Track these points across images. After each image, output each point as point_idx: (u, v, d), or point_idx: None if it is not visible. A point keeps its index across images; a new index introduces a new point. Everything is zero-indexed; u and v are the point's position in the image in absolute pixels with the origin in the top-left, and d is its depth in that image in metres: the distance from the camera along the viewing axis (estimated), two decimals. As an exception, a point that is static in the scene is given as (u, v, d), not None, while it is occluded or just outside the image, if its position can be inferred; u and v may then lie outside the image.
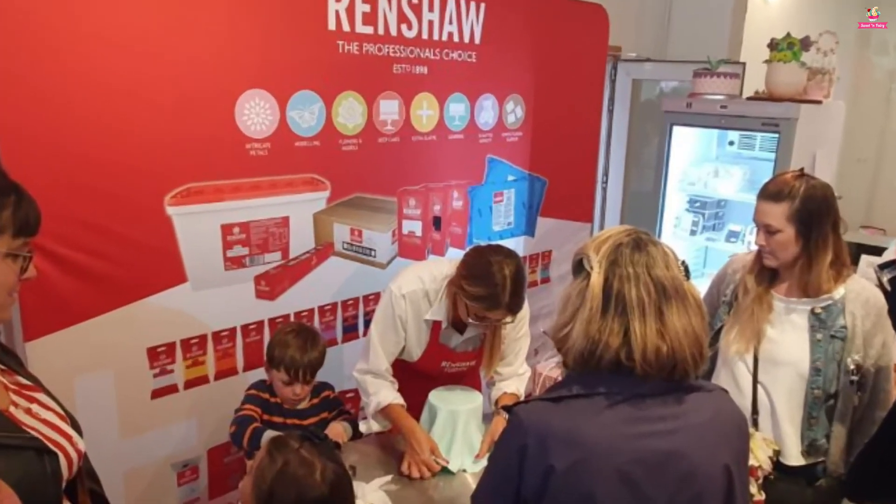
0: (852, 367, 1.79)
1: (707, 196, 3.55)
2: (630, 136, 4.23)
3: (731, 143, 3.55)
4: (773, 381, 1.87)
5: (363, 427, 2.13)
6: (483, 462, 1.98)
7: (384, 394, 2.07)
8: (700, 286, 1.34)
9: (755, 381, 1.89)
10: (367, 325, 2.68)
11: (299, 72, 2.41)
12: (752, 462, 1.74)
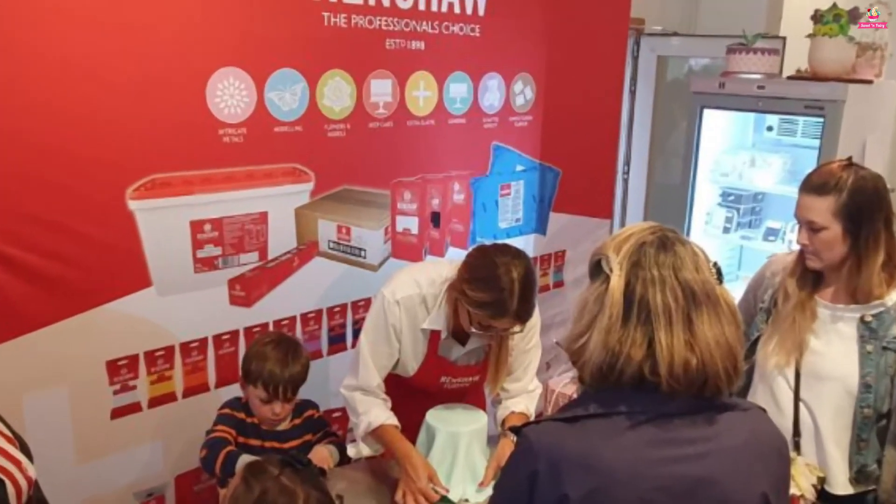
0: (907, 382, 1.78)
1: (742, 189, 3.55)
2: (655, 121, 4.23)
3: (770, 128, 3.55)
4: (818, 398, 1.87)
5: (352, 451, 2.13)
6: (488, 491, 1.97)
7: (375, 413, 2.07)
8: (734, 291, 1.34)
9: (797, 399, 1.89)
10: (356, 335, 2.68)
11: (279, 47, 2.40)
12: (793, 490, 1.74)
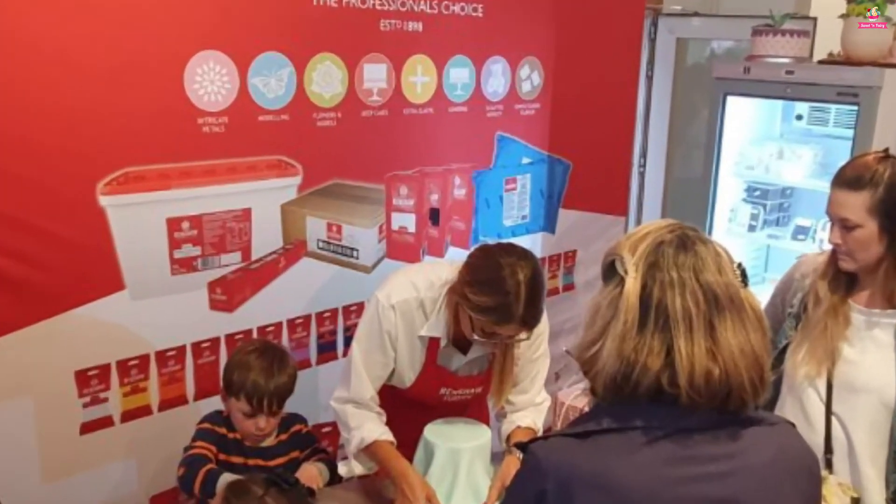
0: (950, 395, 1.78)
1: (769, 183, 3.54)
2: (674, 109, 4.23)
3: (799, 117, 3.55)
4: (851, 412, 1.87)
5: (343, 469, 2.13)
6: (492, 512, 1.97)
7: (369, 428, 2.07)
8: (760, 295, 1.34)
9: (829, 413, 1.89)
10: (347, 342, 2.68)
11: (264, 29, 2.40)
12: (824, 512, 1.74)
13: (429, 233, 3.03)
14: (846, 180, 1.84)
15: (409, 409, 2.16)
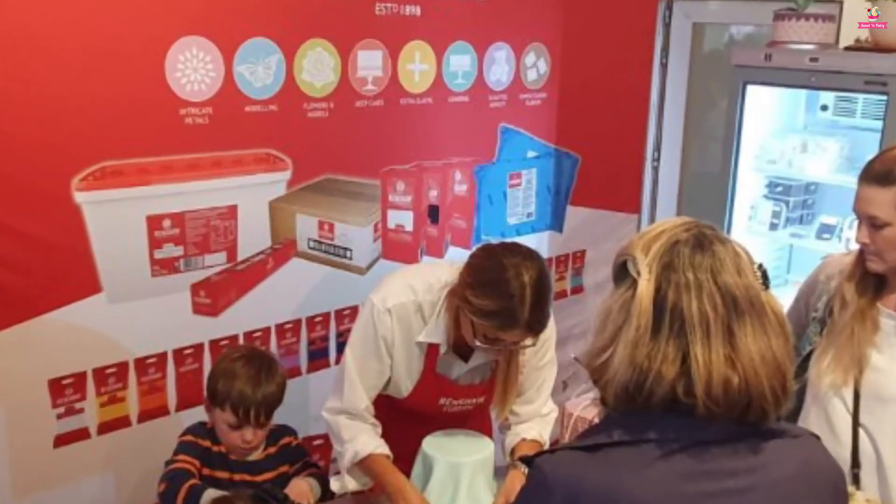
0: (985, 405, 1.79)
1: (792, 178, 3.55)
2: (690, 99, 4.23)
3: (825, 107, 3.55)
4: (880, 423, 1.87)
5: (335, 485, 2.13)
6: (495, 531, 1.98)
7: (363, 441, 2.08)
8: (783, 297, 1.34)
9: (856, 424, 1.89)
10: (340, 349, 2.68)
11: (250, 13, 2.41)
12: (851, 531, 1.74)
13: (427, 231, 3.03)
14: (874, 175, 1.84)
15: (406, 421, 2.16)
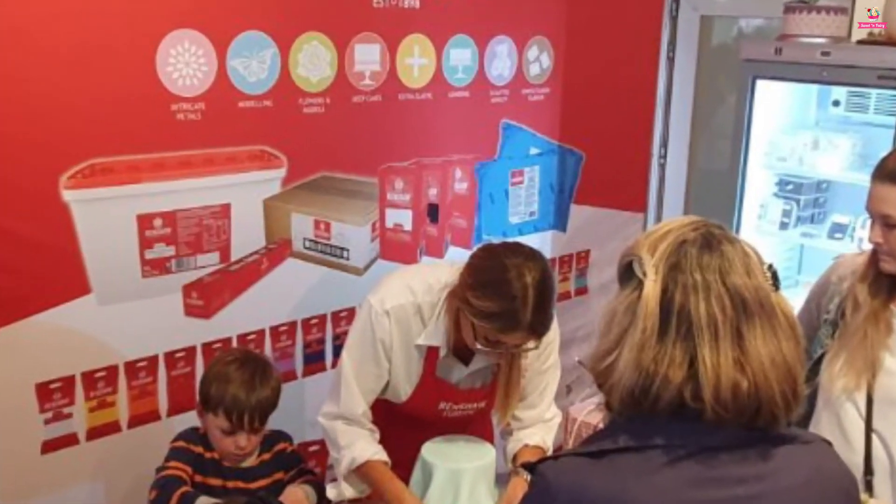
0: None
1: (803, 176, 3.55)
2: (697, 94, 4.23)
3: (836, 103, 3.55)
4: (894, 428, 1.87)
5: (332, 492, 2.13)
6: (496, 540, 1.98)
7: (361, 447, 2.07)
8: (794, 299, 1.34)
9: (869, 430, 1.89)
10: (337, 352, 2.68)
11: (244, 6, 2.41)
12: (864, 540, 1.74)
13: (427, 231, 3.03)
14: (888, 173, 1.84)
15: (404, 426, 2.16)
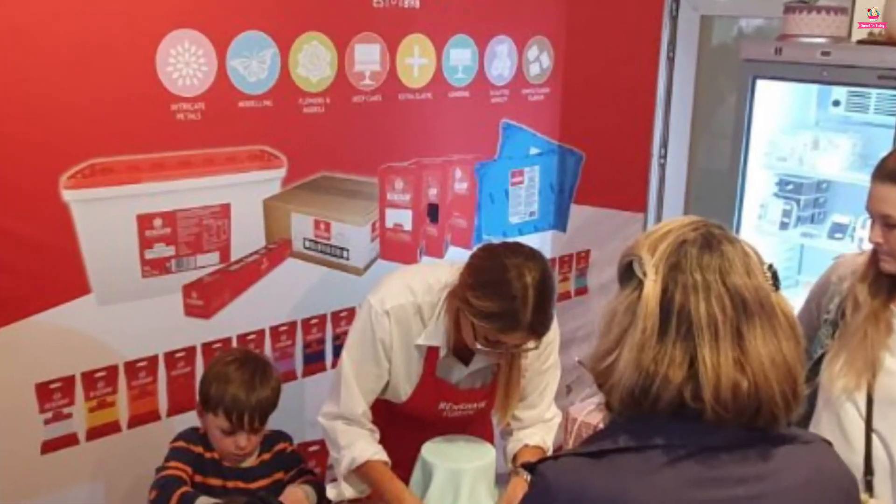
0: None
1: (803, 176, 3.55)
2: (697, 94, 4.23)
3: (837, 103, 3.55)
4: (894, 429, 1.87)
5: (332, 492, 2.13)
6: (496, 540, 1.98)
7: (361, 447, 2.08)
8: (794, 299, 1.34)
9: (869, 430, 1.89)
10: (336, 352, 2.68)
11: (245, 5, 2.41)
12: (864, 540, 1.74)
13: (427, 231, 3.03)
14: (888, 173, 1.84)
15: (404, 426, 2.16)
